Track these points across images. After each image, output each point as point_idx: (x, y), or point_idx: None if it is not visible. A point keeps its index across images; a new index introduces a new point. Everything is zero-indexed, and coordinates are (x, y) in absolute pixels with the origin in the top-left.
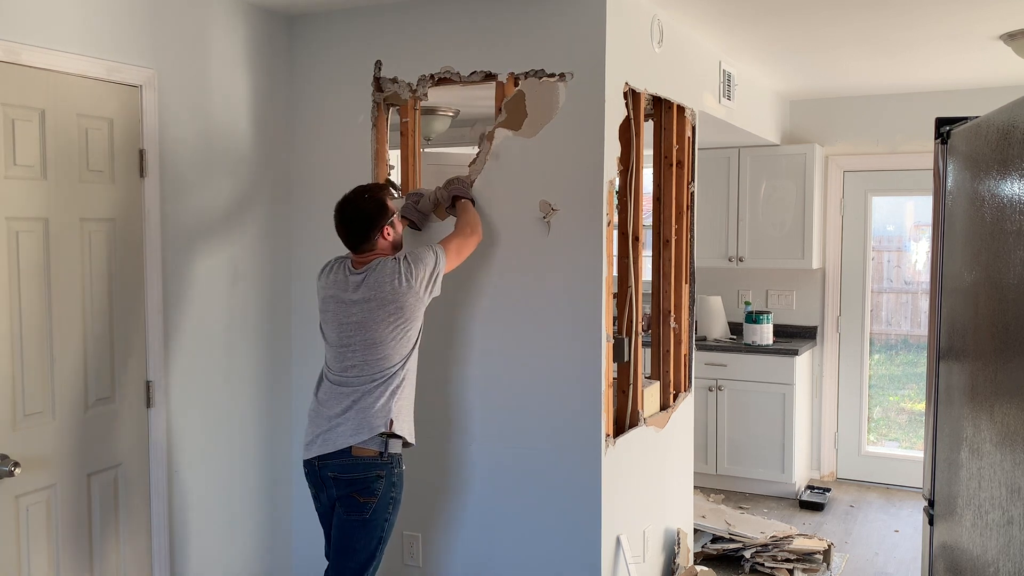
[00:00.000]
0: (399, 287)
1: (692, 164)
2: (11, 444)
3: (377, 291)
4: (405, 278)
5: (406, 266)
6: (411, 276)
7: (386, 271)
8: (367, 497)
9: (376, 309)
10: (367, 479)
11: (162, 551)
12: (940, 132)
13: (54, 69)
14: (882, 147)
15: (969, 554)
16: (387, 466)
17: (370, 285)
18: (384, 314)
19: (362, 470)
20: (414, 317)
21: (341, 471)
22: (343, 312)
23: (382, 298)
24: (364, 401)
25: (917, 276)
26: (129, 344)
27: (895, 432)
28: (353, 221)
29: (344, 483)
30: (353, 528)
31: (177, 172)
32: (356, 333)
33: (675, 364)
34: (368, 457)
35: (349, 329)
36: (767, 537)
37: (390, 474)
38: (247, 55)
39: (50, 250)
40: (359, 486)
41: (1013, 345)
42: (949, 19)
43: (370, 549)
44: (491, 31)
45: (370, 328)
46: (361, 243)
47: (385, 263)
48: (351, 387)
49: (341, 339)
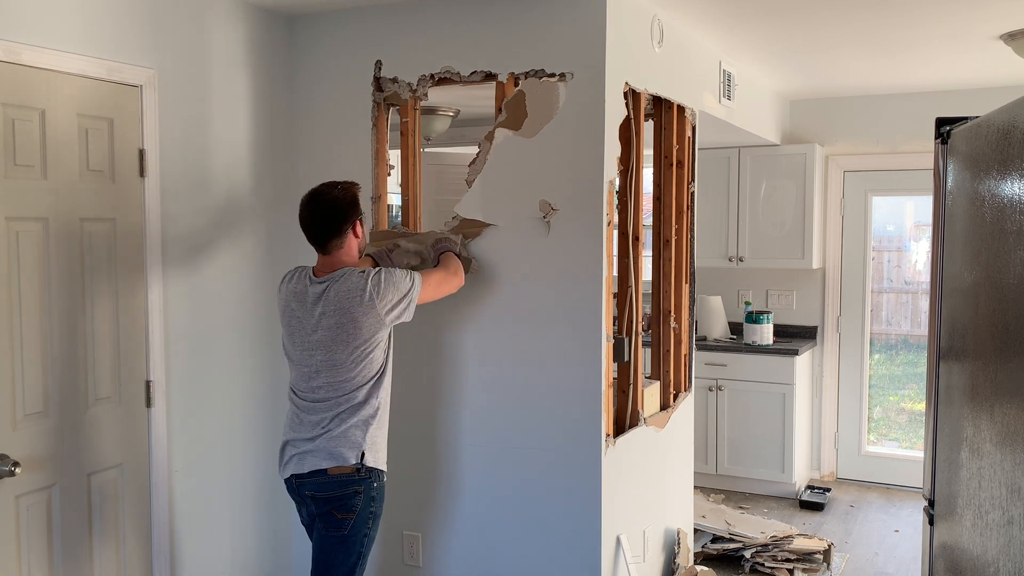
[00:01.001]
0: (361, 303)
1: (692, 164)
2: (11, 444)
3: (337, 305)
4: (370, 295)
5: (375, 283)
6: (377, 295)
7: (350, 284)
8: (345, 513)
9: (335, 328)
10: (345, 495)
11: (162, 551)
12: (940, 132)
13: (54, 69)
14: (882, 147)
15: (969, 554)
16: (365, 481)
17: (330, 299)
18: (343, 334)
19: (339, 487)
20: (373, 340)
21: (317, 489)
22: (302, 329)
23: (341, 315)
24: (335, 430)
25: (917, 276)
26: (129, 344)
27: (895, 432)
28: (323, 213)
29: (322, 501)
30: (332, 544)
31: (177, 172)
32: (318, 352)
33: (675, 364)
34: (344, 474)
35: (310, 347)
36: (767, 537)
37: (368, 488)
38: (247, 55)
39: (50, 250)
40: (336, 503)
41: (1013, 345)
42: (949, 19)
43: (348, 564)
44: (491, 31)
45: (331, 349)
46: (330, 238)
47: (351, 275)
48: (319, 414)
49: (303, 358)
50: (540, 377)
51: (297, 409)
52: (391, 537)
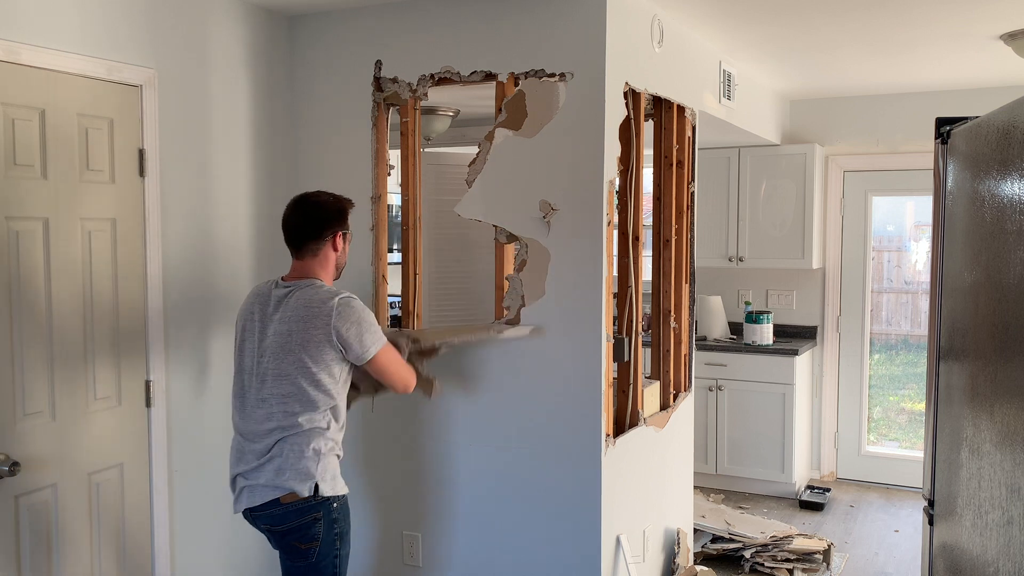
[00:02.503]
0: (319, 316)
1: (692, 164)
2: (11, 444)
3: (295, 312)
4: (333, 311)
5: (343, 303)
6: (334, 316)
7: (316, 294)
8: (308, 543)
9: (288, 335)
10: (303, 525)
11: (162, 551)
12: (940, 132)
13: (54, 69)
14: (882, 147)
15: (969, 554)
16: (324, 505)
17: (291, 305)
18: (295, 344)
19: (295, 517)
20: (323, 361)
21: (273, 523)
22: (255, 333)
23: (297, 322)
24: (283, 458)
25: (917, 276)
26: (129, 344)
27: (895, 432)
28: (306, 213)
29: (280, 534)
30: (300, 573)
31: (177, 172)
32: (267, 359)
33: (675, 364)
34: (298, 502)
35: (261, 353)
36: (767, 537)
37: (328, 512)
38: (247, 55)
39: (50, 250)
40: (296, 535)
41: (1013, 345)
42: (949, 19)
43: None
44: (491, 31)
45: (279, 356)
46: (308, 241)
47: (318, 289)
48: (263, 440)
49: (252, 365)
50: (540, 377)
51: (242, 438)
52: (391, 537)
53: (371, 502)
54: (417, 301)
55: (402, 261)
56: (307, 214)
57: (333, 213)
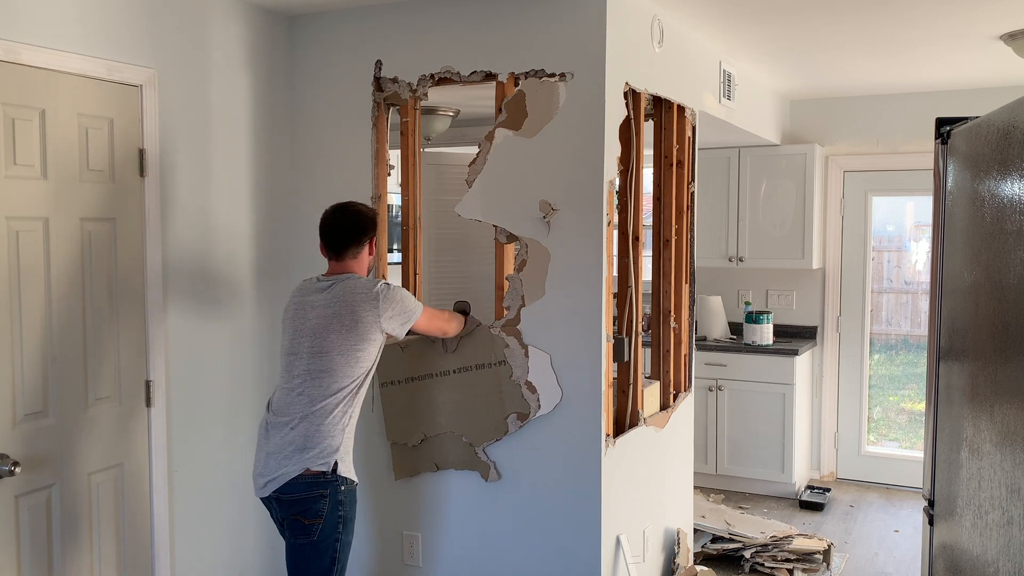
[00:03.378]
0: (365, 300)
1: (692, 164)
2: (11, 443)
3: (340, 298)
4: (377, 295)
5: (384, 288)
6: (383, 298)
7: (358, 283)
8: (312, 519)
9: (332, 318)
10: (310, 499)
11: (162, 551)
12: (940, 132)
13: (54, 69)
14: (882, 147)
15: (969, 554)
16: (331, 484)
17: (335, 293)
18: (339, 324)
19: (304, 489)
20: (367, 339)
21: (282, 491)
22: (300, 317)
23: (342, 306)
24: (307, 432)
25: (917, 276)
26: (129, 344)
27: (895, 432)
28: (349, 221)
29: (286, 504)
30: (303, 551)
31: (177, 172)
32: (307, 339)
33: (675, 364)
34: (310, 476)
35: (301, 334)
36: (767, 537)
37: (335, 492)
38: (247, 55)
39: (50, 250)
40: (301, 507)
41: (1013, 345)
42: (949, 19)
43: (322, 570)
44: (491, 31)
45: (321, 335)
46: (348, 246)
47: (359, 279)
48: (292, 412)
49: (292, 346)
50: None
51: (274, 414)
52: (391, 537)
53: (371, 502)
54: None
55: (402, 261)
56: (349, 221)
57: (370, 221)
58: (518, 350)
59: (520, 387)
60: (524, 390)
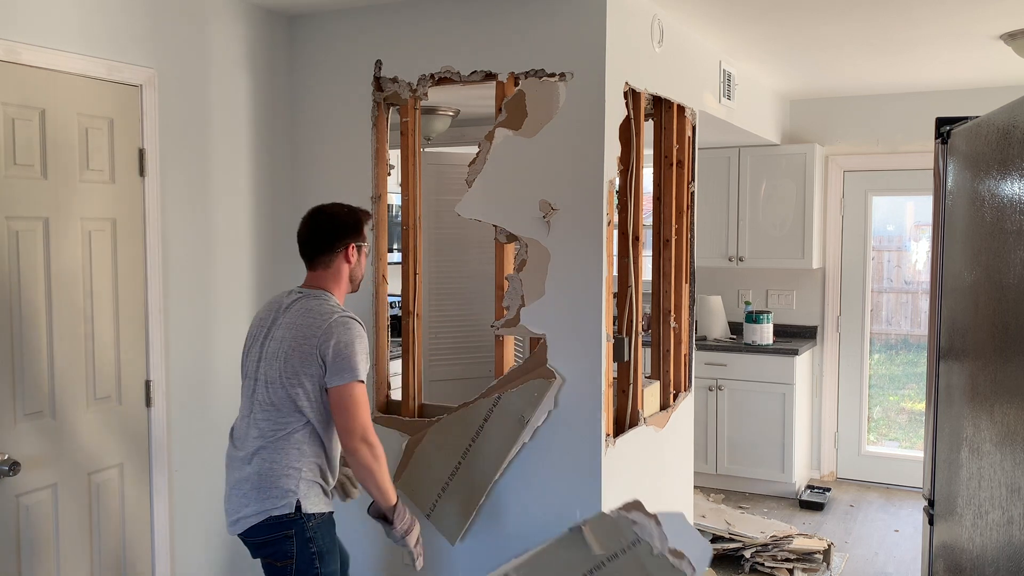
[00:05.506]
0: (311, 336)
1: (692, 164)
2: (11, 443)
3: (294, 320)
4: (323, 334)
5: (337, 329)
6: (327, 341)
7: (319, 309)
8: (283, 560)
9: (281, 342)
10: (275, 540)
11: (163, 550)
12: (940, 132)
13: (54, 69)
14: (882, 147)
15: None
16: (296, 523)
17: (291, 317)
18: (282, 349)
19: (267, 532)
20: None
21: (247, 535)
22: (257, 336)
23: (291, 333)
24: (259, 470)
25: (917, 276)
26: (129, 344)
27: (895, 432)
28: (321, 224)
29: (254, 546)
30: None
31: (177, 172)
32: (262, 363)
33: (675, 364)
34: (273, 520)
35: (256, 358)
36: (767, 537)
37: (302, 530)
38: (247, 55)
39: (50, 250)
40: (270, 550)
41: (1013, 345)
42: (949, 19)
43: None
44: (491, 31)
45: (270, 361)
46: (320, 253)
47: (325, 302)
48: (242, 449)
49: (247, 368)
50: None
51: (232, 445)
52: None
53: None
54: (417, 301)
55: (402, 261)
56: (319, 226)
57: (346, 225)
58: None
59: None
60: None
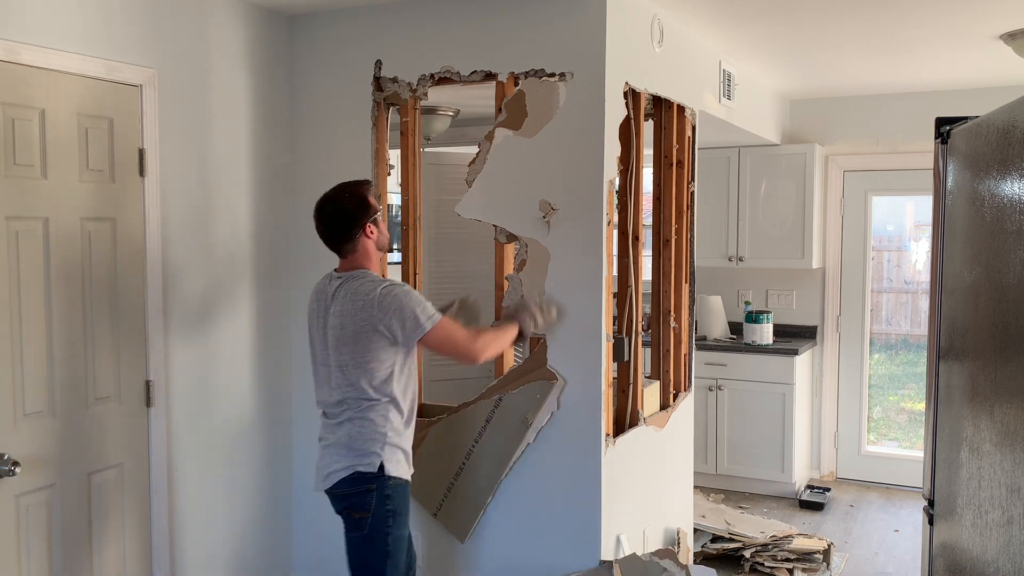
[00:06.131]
0: (363, 310)
1: (692, 164)
2: (11, 443)
3: (343, 306)
4: (371, 305)
5: (383, 294)
6: (375, 309)
7: (360, 293)
8: (361, 512)
9: (339, 329)
10: (358, 493)
11: (162, 550)
12: (940, 132)
13: (54, 69)
14: (882, 147)
15: (969, 554)
16: (377, 479)
17: (340, 297)
18: (346, 337)
19: (350, 485)
20: (371, 349)
21: (334, 488)
22: (318, 327)
23: (345, 318)
24: (349, 433)
25: (917, 276)
26: (129, 344)
27: (895, 432)
28: (333, 219)
29: (338, 498)
30: (356, 545)
31: (177, 172)
32: (331, 352)
33: (675, 364)
34: (358, 474)
35: (325, 345)
36: (767, 537)
37: (382, 487)
38: (247, 55)
39: (50, 250)
40: (351, 501)
41: (1013, 345)
42: (949, 19)
43: (379, 566)
44: (491, 31)
45: (336, 348)
46: (342, 243)
47: (365, 278)
48: (334, 419)
49: (323, 357)
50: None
51: (325, 418)
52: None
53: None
54: None
55: (402, 261)
56: (332, 220)
57: (354, 210)
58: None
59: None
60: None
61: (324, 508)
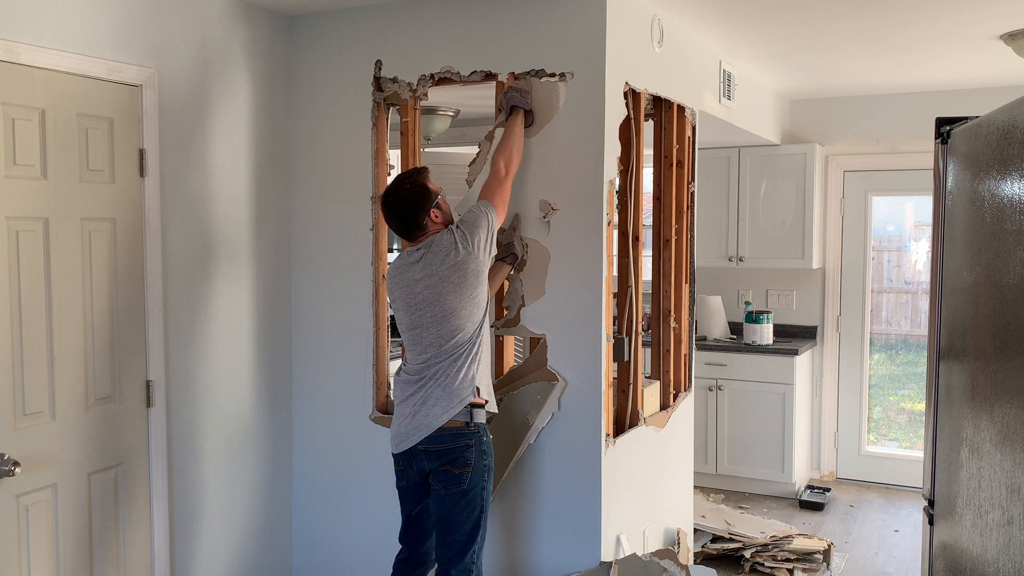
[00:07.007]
0: (458, 257)
1: (692, 164)
2: (11, 443)
3: (438, 266)
4: (463, 246)
5: (461, 235)
6: (468, 243)
7: (444, 244)
8: (462, 468)
9: (440, 283)
10: (457, 449)
11: (162, 550)
12: (940, 132)
13: (54, 69)
14: (882, 147)
15: (969, 554)
16: (475, 435)
17: (429, 261)
18: (450, 286)
19: (450, 440)
20: (479, 282)
21: (431, 443)
22: (409, 293)
23: (444, 271)
24: (446, 377)
25: (917, 276)
26: (129, 344)
27: (895, 432)
28: (400, 212)
29: (435, 455)
30: (453, 501)
31: (177, 172)
32: (426, 310)
33: (675, 364)
34: (455, 428)
35: (418, 308)
36: (767, 537)
37: (479, 443)
38: (247, 55)
39: (50, 250)
40: (450, 457)
41: (1013, 345)
42: (949, 19)
43: (473, 520)
44: (491, 31)
45: (437, 302)
46: (412, 230)
47: (441, 237)
48: (431, 369)
49: (412, 320)
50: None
51: (409, 375)
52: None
53: (370, 500)
54: None
55: None
56: (402, 216)
57: (418, 200)
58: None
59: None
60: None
61: (324, 508)
